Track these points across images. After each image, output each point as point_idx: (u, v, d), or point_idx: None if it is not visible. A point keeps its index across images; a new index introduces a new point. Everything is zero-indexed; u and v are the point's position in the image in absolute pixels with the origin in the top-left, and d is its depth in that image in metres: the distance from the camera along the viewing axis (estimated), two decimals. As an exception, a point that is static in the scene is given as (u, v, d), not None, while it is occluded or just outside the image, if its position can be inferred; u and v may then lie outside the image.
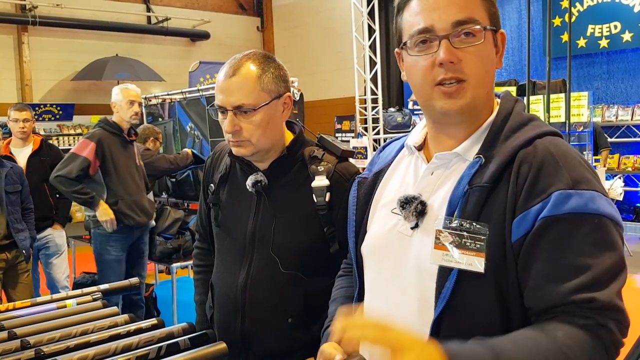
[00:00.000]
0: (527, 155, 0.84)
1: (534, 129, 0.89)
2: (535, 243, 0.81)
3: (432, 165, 0.94)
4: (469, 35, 0.87)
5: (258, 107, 1.24)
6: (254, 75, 1.25)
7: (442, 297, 0.84)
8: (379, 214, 1.01)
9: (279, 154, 1.34)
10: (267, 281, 1.31)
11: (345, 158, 1.36)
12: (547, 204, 0.80)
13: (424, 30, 0.89)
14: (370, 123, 6.69)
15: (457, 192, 0.87)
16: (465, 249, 0.83)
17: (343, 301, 1.11)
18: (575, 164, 0.84)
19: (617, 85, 6.63)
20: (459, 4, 0.87)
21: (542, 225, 0.80)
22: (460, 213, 0.85)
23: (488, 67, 0.89)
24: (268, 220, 1.31)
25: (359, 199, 1.05)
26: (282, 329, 1.30)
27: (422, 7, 0.89)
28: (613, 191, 5.44)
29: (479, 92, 0.89)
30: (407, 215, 0.92)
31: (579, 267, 0.79)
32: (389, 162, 1.05)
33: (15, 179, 3.21)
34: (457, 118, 0.92)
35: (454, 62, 0.87)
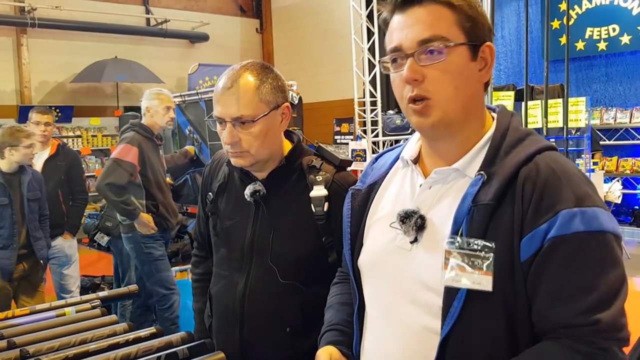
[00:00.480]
0: (530, 173, 0.85)
1: (533, 144, 0.90)
2: (543, 263, 0.82)
3: (431, 180, 0.94)
4: (434, 52, 0.88)
5: (257, 119, 1.25)
6: (252, 87, 1.25)
7: (450, 317, 0.85)
8: (375, 227, 1.01)
9: (277, 164, 1.35)
10: (266, 291, 1.31)
11: (343, 167, 1.37)
12: (554, 223, 0.81)
13: (394, 50, 0.91)
14: (369, 125, 6.69)
15: (461, 210, 0.87)
16: (474, 268, 0.84)
17: (339, 307, 1.11)
18: (577, 180, 0.85)
19: (615, 88, 6.64)
20: (425, 22, 0.88)
21: (550, 246, 0.82)
22: (466, 231, 0.85)
23: (459, 82, 0.89)
24: (266, 230, 1.32)
25: (354, 210, 1.05)
26: (281, 339, 1.30)
27: (394, 26, 0.92)
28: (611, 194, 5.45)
29: (450, 108, 0.89)
30: (407, 230, 0.92)
31: (584, 288, 0.81)
32: (383, 174, 1.05)
33: (36, 186, 3.15)
34: (434, 134, 0.94)
35: (418, 80, 0.88)
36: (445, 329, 0.85)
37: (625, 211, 6.29)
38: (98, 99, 8.18)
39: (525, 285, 0.84)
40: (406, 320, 0.92)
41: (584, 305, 0.80)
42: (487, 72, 0.93)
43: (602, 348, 0.80)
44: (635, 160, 6.41)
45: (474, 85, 0.92)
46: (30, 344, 1.26)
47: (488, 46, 0.92)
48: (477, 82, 0.92)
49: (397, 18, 0.92)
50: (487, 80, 0.94)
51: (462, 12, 0.89)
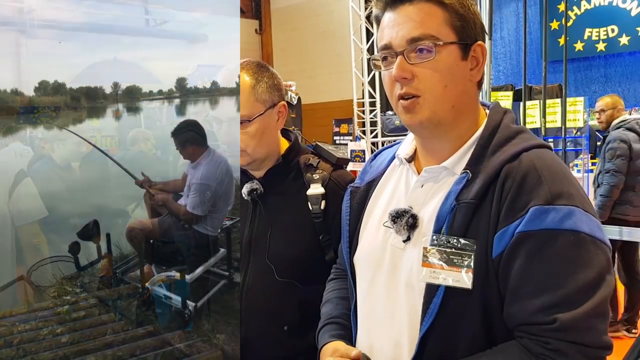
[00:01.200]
0: (512, 170, 0.85)
1: (521, 142, 0.89)
2: (509, 259, 0.82)
3: (422, 178, 0.95)
4: (423, 51, 0.88)
5: (253, 118, 1.25)
6: (248, 86, 1.26)
7: (429, 314, 0.85)
8: (371, 225, 1.02)
9: (274, 162, 1.35)
10: (263, 289, 1.31)
11: (340, 166, 1.37)
12: (524, 219, 0.80)
13: (384, 47, 0.92)
14: (368, 126, 6.70)
15: (444, 208, 0.88)
16: (453, 265, 0.84)
17: (338, 302, 1.12)
18: (559, 177, 0.83)
19: (614, 88, 6.65)
20: (415, 20, 0.88)
21: (516, 241, 0.81)
22: (448, 230, 0.86)
23: (448, 81, 0.89)
24: (264, 228, 1.32)
25: (352, 208, 1.06)
26: (278, 336, 1.30)
27: (385, 24, 0.93)
28: (610, 194, 5.44)
29: (439, 107, 0.89)
30: (398, 229, 0.93)
31: (547, 285, 0.79)
32: (381, 171, 1.06)
33: None
34: (423, 132, 0.93)
35: (407, 78, 0.89)
36: (424, 326, 0.86)
37: (624, 212, 6.29)
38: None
39: (497, 283, 0.84)
40: (394, 318, 0.93)
41: (544, 302, 0.78)
42: (478, 71, 0.93)
43: (555, 349, 0.77)
44: (634, 161, 6.41)
45: (464, 84, 0.91)
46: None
47: (479, 45, 0.92)
48: (468, 81, 0.92)
49: (387, 15, 0.92)
50: (479, 79, 0.94)
51: (453, 10, 0.89)
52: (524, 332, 0.81)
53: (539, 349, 0.79)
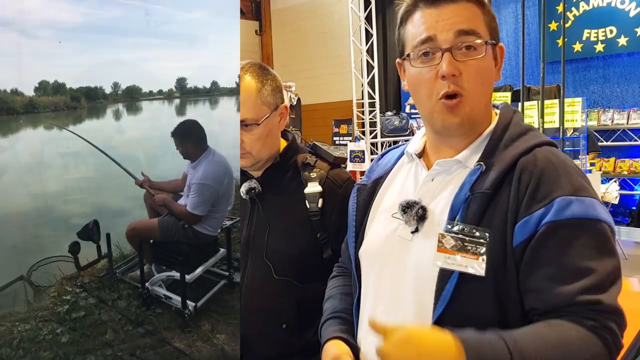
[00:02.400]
0: (528, 164, 0.87)
1: (533, 138, 0.91)
2: (539, 247, 0.83)
3: (433, 171, 0.96)
4: (470, 48, 0.89)
5: (260, 121, 1.27)
6: (255, 90, 1.27)
7: (442, 300, 0.86)
8: (378, 219, 1.03)
9: (272, 162, 1.36)
10: (261, 287, 1.32)
11: (337, 165, 1.38)
12: (550, 209, 0.82)
13: (426, 40, 0.90)
14: (367, 127, 6.70)
15: (459, 198, 0.89)
16: (467, 252, 0.86)
17: (341, 297, 1.13)
18: (574, 172, 0.87)
19: (612, 89, 6.66)
20: (462, 16, 0.90)
21: (546, 230, 0.83)
22: (462, 218, 0.87)
23: (486, 80, 0.92)
24: (262, 226, 1.33)
25: (359, 204, 1.07)
26: (277, 335, 1.31)
27: (426, 18, 0.92)
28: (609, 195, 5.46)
29: (477, 105, 0.91)
30: (407, 220, 0.94)
31: (582, 270, 0.81)
32: (388, 169, 1.08)
33: None
34: (458, 131, 0.94)
35: (456, 75, 0.89)
36: (437, 312, 0.87)
37: (622, 212, 6.30)
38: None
39: (516, 271, 0.85)
40: (402, 307, 0.93)
41: (583, 285, 0.81)
42: (498, 72, 0.96)
43: (605, 326, 0.81)
44: (633, 161, 6.42)
45: (492, 84, 0.95)
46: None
47: (501, 47, 0.96)
48: (494, 81, 0.96)
49: (425, 12, 0.92)
50: (498, 79, 0.97)
51: (489, 12, 0.92)
52: (568, 312, 0.82)
53: (590, 323, 0.81)
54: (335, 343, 1.03)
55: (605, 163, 6.48)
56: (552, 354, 0.78)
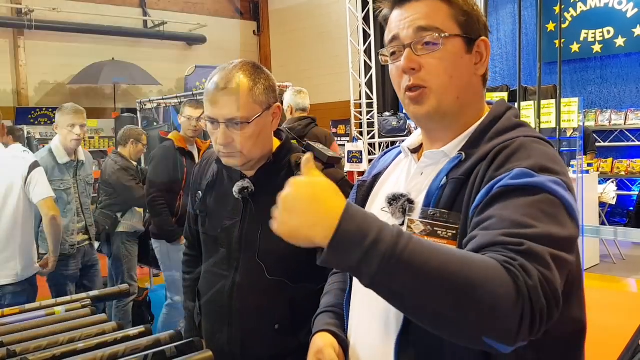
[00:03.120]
0: (503, 149, 0.86)
1: (520, 133, 0.90)
2: (484, 207, 0.79)
3: (422, 164, 0.97)
4: (430, 43, 0.91)
5: (251, 120, 1.26)
6: (246, 88, 1.26)
7: None
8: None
9: (265, 161, 1.35)
10: (254, 288, 1.31)
11: (331, 164, 1.38)
12: (507, 176, 0.80)
13: (392, 39, 0.96)
14: (365, 127, 6.70)
15: (434, 184, 0.90)
16: (436, 236, 0.85)
17: (337, 292, 1.13)
18: (549, 158, 0.83)
19: (610, 89, 6.67)
20: (422, 13, 0.93)
21: (496, 193, 0.79)
22: (435, 204, 0.88)
23: (453, 72, 0.92)
24: (254, 226, 1.32)
25: (357, 201, 1.08)
26: (269, 336, 1.31)
27: (392, 19, 0.97)
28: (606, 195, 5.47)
29: (445, 98, 0.92)
30: (394, 212, 0.94)
31: (519, 223, 0.73)
32: (387, 165, 1.09)
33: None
34: (430, 123, 0.96)
35: (415, 69, 0.92)
36: None
37: (620, 212, 6.31)
38: (95, 100, 8.18)
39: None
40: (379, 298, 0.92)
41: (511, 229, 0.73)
42: (482, 66, 0.96)
43: (521, 265, 0.69)
44: (630, 162, 6.43)
45: (469, 77, 0.94)
46: (17, 343, 1.26)
47: (483, 41, 0.96)
48: (473, 74, 0.95)
49: (396, 12, 0.96)
50: (483, 72, 0.97)
51: (458, 7, 0.94)
52: (487, 251, 0.73)
53: (503, 257, 0.70)
54: (322, 335, 1.04)
55: (602, 164, 6.49)
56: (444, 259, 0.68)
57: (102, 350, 1.22)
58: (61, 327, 1.37)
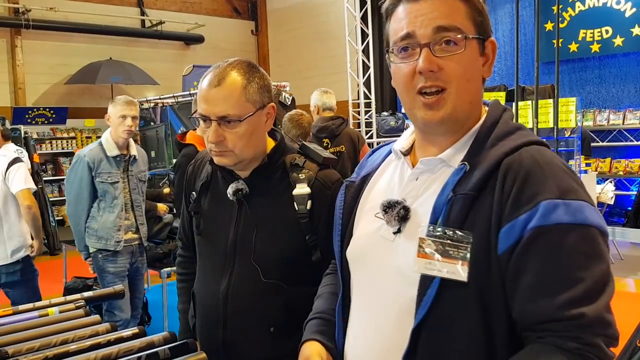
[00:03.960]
0: (513, 163, 0.83)
1: (521, 137, 0.88)
2: (524, 254, 0.80)
3: (417, 170, 0.94)
4: (450, 43, 0.87)
5: (243, 119, 1.24)
6: (240, 86, 1.24)
7: (422, 306, 0.84)
8: (364, 218, 1.01)
9: (260, 162, 1.34)
10: (249, 290, 1.30)
11: (326, 165, 1.36)
12: (535, 213, 0.79)
13: (405, 37, 0.89)
14: (363, 127, 6.70)
15: (440, 199, 0.86)
16: (448, 257, 0.82)
17: (328, 296, 1.11)
18: (562, 173, 0.83)
19: (608, 89, 6.67)
20: (442, 11, 0.87)
21: (531, 236, 0.79)
22: (444, 221, 0.84)
23: (470, 75, 0.89)
24: (249, 228, 1.31)
25: (346, 202, 1.05)
26: (264, 338, 1.29)
27: (406, 13, 0.89)
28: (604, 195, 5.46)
29: (460, 102, 0.88)
30: (389, 220, 0.92)
31: (568, 281, 0.78)
32: (376, 166, 1.05)
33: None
34: (439, 129, 0.92)
35: (434, 71, 0.87)
36: (417, 317, 0.84)
37: (618, 212, 6.31)
38: (92, 100, 8.17)
39: (502, 278, 0.82)
40: (384, 310, 0.91)
41: (566, 298, 0.77)
42: (488, 68, 0.93)
43: (589, 343, 0.76)
44: (628, 162, 6.43)
45: (480, 81, 0.92)
46: (10, 345, 1.25)
47: (492, 42, 0.92)
48: (482, 77, 0.92)
49: (406, 6, 0.90)
50: (488, 75, 0.94)
51: (474, 5, 0.90)
52: (547, 330, 0.78)
53: (573, 345, 0.76)
54: (310, 344, 1.02)
55: (601, 163, 6.49)
56: None
57: (95, 352, 1.22)
58: (54, 329, 1.36)
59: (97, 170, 2.97)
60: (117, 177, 3.04)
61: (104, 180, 2.98)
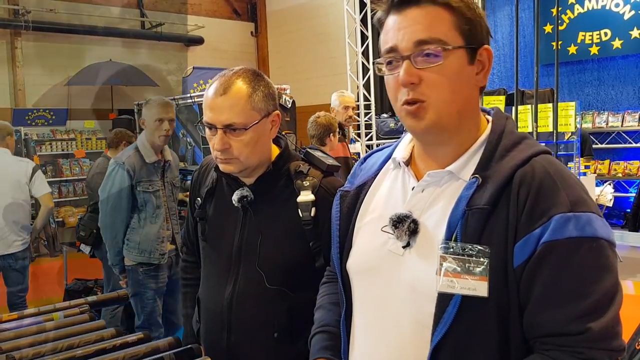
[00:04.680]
0: (525, 176, 0.84)
1: (528, 148, 0.88)
2: (535, 268, 0.81)
3: (424, 182, 0.93)
4: (431, 55, 0.86)
5: (249, 127, 1.25)
6: (245, 94, 1.26)
7: (442, 323, 0.83)
8: (365, 230, 1.00)
9: (265, 169, 1.35)
10: (253, 296, 1.31)
11: (330, 172, 1.37)
12: (548, 227, 0.80)
13: (390, 50, 0.89)
14: (363, 129, 6.71)
15: (456, 214, 0.86)
16: (469, 274, 0.82)
17: (330, 307, 1.10)
18: (572, 184, 0.84)
19: (607, 91, 6.69)
20: (422, 24, 0.86)
21: (543, 250, 0.80)
22: (461, 237, 0.84)
23: (456, 86, 0.87)
24: (254, 235, 1.32)
25: (342, 212, 1.04)
26: (268, 344, 1.30)
27: (390, 27, 0.90)
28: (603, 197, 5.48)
29: (445, 112, 0.88)
30: (399, 235, 0.90)
31: (576, 294, 0.79)
32: (372, 174, 1.03)
33: None
34: (428, 138, 0.92)
35: (415, 83, 0.86)
36: (437, 335, 0.84)
37: (617, 214, 6.33)
38: (92, 102, 8.16)
39: (517, 291, 0.83)
40: (397, 326, 0.91)
41: (575, 312, 0.79)
42: (484, 76, 0.91)
43: (589, 358, 0.79)
44: (627, 164, 6.45)
45: (470, 90, 0.90)
46: (16, 350, 1.26)
47: (486, 49, 0.90)
48: (474, 86, 0.91)
49: (393, 18, 0.90)
50: (484, 84, 0.92)
51: (461, 14, 0.87)
52: (551, 343, 0.81)
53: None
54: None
55: (599, 165, 6.51)
56: None
57: (101, 357, 1.23)
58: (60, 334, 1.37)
59: (138, 179, 2.76)
60: (158, 185, 2.85)
61: (145, 190, 2.79)
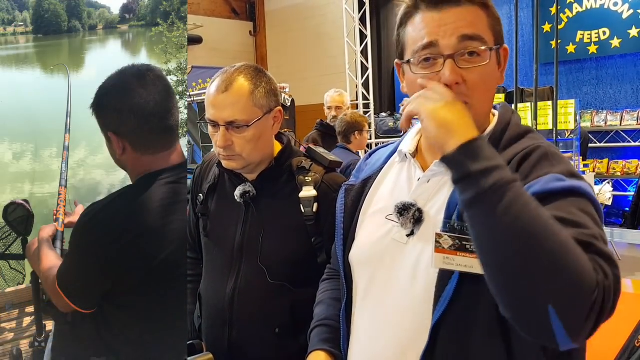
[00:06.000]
0: (524, 156, 0.84)
1: (532, 140, 0.89)
2: None
3: (430, 173, 0.93)
4: (474, 55, 0.85)
5: (251, 123, 1.26)
6: (247, 91, 1.26)
7: (442, 301, 0.84)
8: (369, 221, 1.00)
9: (267, 165, 1.35)
10: (255, 292, 1.31)
11: (332, 169, 1.38)
12: (540, 182, 0.78)
13: (428, 46, 0.86)
14: (362, 128, 6.70)
15: (455, 195, 0.85)
16: (465, 251, 0.82)
17: (330, 302, 1.11)
18: (570, 166, 0.84)
19: (606, 90, 6.70)
20: (466, 20, 0.85)
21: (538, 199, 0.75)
22: (459, 216, 0.84)
23: (490, 86, 0.88)
24: (256, 230, 1.32)
25: (347, 206, 1.05)
26: (270, 339, 1.31)
27: (427, 22, 0.87)
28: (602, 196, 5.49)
29: (482, 112, 0.89)
30: (404, 223, 0.91)
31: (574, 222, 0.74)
32: (377, 169, 1.05)
33: None
34: None
35: (459, 83, 0.85)
36: (436, 313, 0.84)
37: (615, 213, 6.34)
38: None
39: None
40: (399, 311, 0.91)
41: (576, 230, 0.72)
42: (501, 74, 0.92)
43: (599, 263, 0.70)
44: (626, 163, 6.46)
45: (495, 89, 0.91)
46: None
47: (505, 49, 0.91)
48: (498, 84, 0.92)
49: (428, 15, 0.87)
50: (502, 82, 0.93)
51: (493, 14, 0.88)
52: None
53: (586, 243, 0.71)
54: (316, 355, 1.02)
55: (598, 164, 6.52)
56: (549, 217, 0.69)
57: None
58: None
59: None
60: None
61: None
